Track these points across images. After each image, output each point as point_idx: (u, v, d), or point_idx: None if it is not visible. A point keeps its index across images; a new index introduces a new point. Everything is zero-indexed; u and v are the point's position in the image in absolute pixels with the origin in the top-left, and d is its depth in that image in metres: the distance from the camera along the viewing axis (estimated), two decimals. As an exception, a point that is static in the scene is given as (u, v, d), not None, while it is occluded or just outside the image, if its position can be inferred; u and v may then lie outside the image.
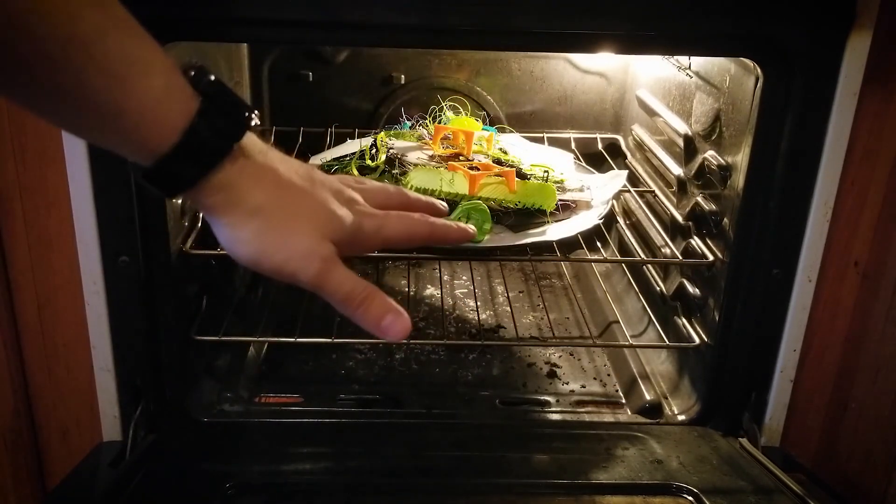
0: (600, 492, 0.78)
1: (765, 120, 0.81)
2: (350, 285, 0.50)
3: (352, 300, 0.50)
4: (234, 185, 0.46)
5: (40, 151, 0.79)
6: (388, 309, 0.50)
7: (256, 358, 1.10)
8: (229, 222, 0.47)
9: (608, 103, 1.41)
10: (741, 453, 0.87)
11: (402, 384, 1.05)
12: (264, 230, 0.47)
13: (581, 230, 1.01)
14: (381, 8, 0.74)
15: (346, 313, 0.50)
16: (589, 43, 0.79)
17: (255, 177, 0.47)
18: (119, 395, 0.86)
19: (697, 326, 0.99)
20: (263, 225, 0.47)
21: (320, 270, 0.48)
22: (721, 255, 0.93)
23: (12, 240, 0.83)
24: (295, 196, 0.48)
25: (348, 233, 0.50)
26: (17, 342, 0.87)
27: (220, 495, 0.75)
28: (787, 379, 0.90)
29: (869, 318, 0.88)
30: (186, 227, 0.93)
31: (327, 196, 0.50)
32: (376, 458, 0.84)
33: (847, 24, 0.76)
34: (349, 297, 0.49)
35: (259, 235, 0.47)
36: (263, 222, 0.47)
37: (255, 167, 0.47)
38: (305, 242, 0.48)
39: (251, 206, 0.46)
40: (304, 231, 0.48)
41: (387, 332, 0.50)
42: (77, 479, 0.81)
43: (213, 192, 0.46)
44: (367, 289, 0.50)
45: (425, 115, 1.27)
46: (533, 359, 1.14)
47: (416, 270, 1.38)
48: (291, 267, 0.48)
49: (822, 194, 0.82)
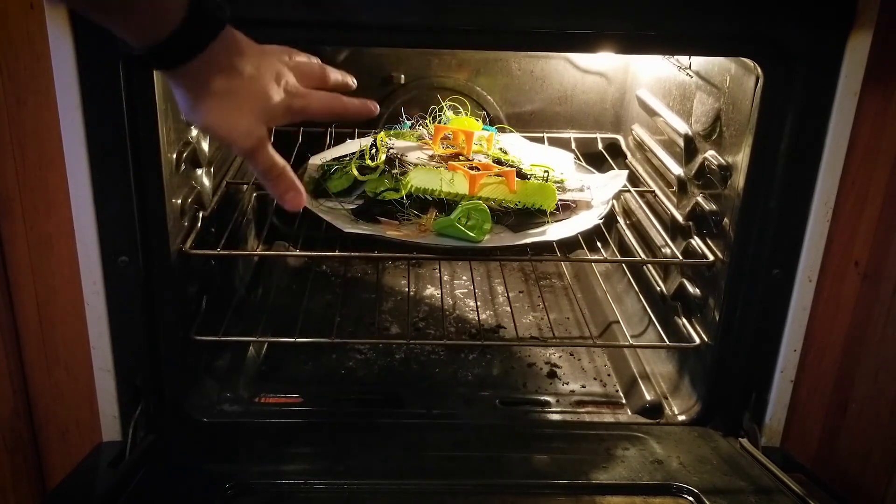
0: (600, 492, 0.78)
1: (765, 120, 0.81)
2: (271, 161, 0.64)
3: (269, 173, 0.64)
4: (200, 72, 0.58)
5: (40, 152, 0.79)
6: (290, 186, 0.65)
7: (256, 358, 1.09)
8: (193, 96, 0.60)
9: (608, 103, 1.41)
10: (741, 453, 0.87)
11: (402, 384, 1.05)
12: (218, 109, 0.60)
13: (581, 230, 1.01)
14: (381, 8, 0.74)
15: (263, 181, 0.66)
16: (589, 43, 0.79)
17: (220, 65, 0.59)
18: (119, 395, 0.86)
19: (698, 326, 0.99)
20: (218, 105, 0.60)
21: (253, 146, 0.62)
22: (721, 255, 0.93)
23: (12, 240, 0.83)
24: (245, 85, 0.61)
25: (279, 114, 0.64)
26: (17, 342, 0.87)
27: (219, 495, 0.75)
28: (787, 379, 0.90)
29: (869, 318, 0.88)
30: (186, 227, 0.93)
31: (269, 83, 0.63)
32: (376, 458, 0.84)
33: (847, 24, 0.76)
34: (268, 171, 0.64)
35: (213, 111, 0.60)
36: (218, 103, 0.60)
37: (226, 56, 0.59)
38: (246, 123, 0.61)
39: (212, 90, 0.59)
40: (247, 115, 0.61)
41: (284, 203, 0.66)
42: (77, 479, 0.81)
43: (182, 76, 0.58)
44: (282, 167, 0.65)
45: (425, 115, 1.27)
46: (533, 359, 1.14)
47: (416, 270, 1.38)
48: (232, 138, 0.62)
49: (823, 194, 0.82)
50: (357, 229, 0.97)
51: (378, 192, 1.02)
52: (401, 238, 0.97)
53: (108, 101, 0.75)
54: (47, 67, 0.74)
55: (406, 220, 1.00)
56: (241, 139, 0.62)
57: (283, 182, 0.65)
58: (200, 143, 1.00)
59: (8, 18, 0.74)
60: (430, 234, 0.98)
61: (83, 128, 0.76)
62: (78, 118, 0.75)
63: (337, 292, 1.28)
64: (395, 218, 1.01)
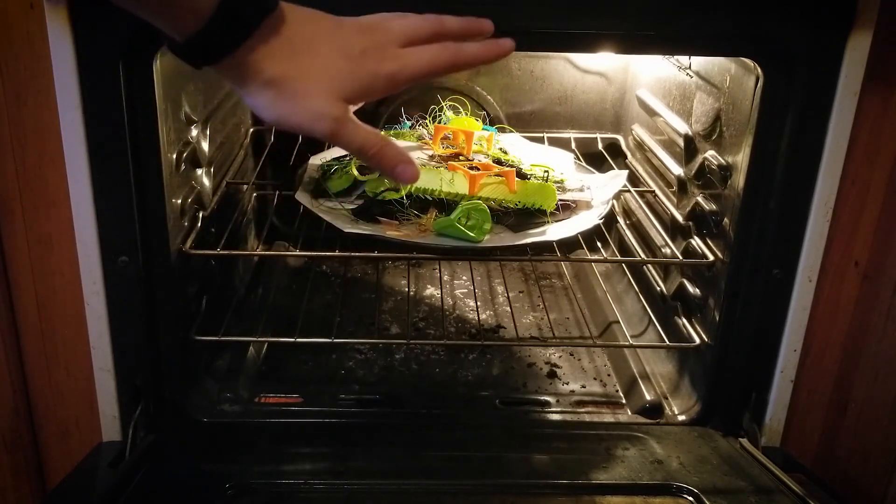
0: (600, 492, 0.78)
1: (765, 120, 0.81)
2: (362, 137, 0.57)
3: (367, 149, 0.57)
4: (246, 62, 0.52)
5: (40, 151, 0.79)
6: (400, 158, 0.58)
7: (256, 358, 1.09)
8: (247, 92, 0.54)
9: (608, 103, 1.41)
10: (741, 453, 0.87)
11: (402, 384, 1.05)
12: (278, 99, 0.54)
13: (581, 230, 1.01)
14: (381, 8, 0.74)
15: (363, 160, 0.59)
16: (589, 43, 0.79)
17: (271, 51, 0.52)
18: (119, 395, 0.86)
19: (697, 326, 0.99)
20: (276, 94, 0.53)
21: (333, 128, 0.55)
22: (721, 255, 0.93)
23: (12, 240, 0.83)
24: (310, 62, 0.54)
25: (362, 87, 0.56)
26: (17, 342, 0.87)
27: (219, 495, 0.75)
28: (787, 379, 0.90)
29: (869, 318, 0.88)
30: (186, 227, 0.93)
31: (339, 57, 0.55)
32: (376, 458, 0.84)
33: (847, 24, 0.76)
34: (364, 147, 0.57)
35: (274, 103, 0.54)
36: (276, 92, 0.53)
37: (276, 40, 0.53)
38: (316, 106, 0.54)
39: (264, 79, 0.53)
40: (315, 95, 0.54)
41: (399, 177, 0.58)
42: (77, 479, 0.81)
43: (229, 69, 0.53)
44: (380, 140, 0.57)
45: (425, 115, 1.26)
46: (533, 359, 1.14)
47: (416, 270, 1.38)
48: (306, 127, 0.55)
49: (823, 194, 0.82)
50: (357, 229, 0.97)
51: (378, 192, 1.02)
52: (401, 238, 0.97)
53: (107, 101, 0.75)
54: (47, 67, 0.74)
55: (406, 220, 1.00)
56: (316, 125, 0.55)
57: (386, 157, 0.57)
58: (200, 142, 1.00)
59: (8, 18, 0.74)
60: (430, 234, 0.98)
61: (83, 127, 0.76)
62: (78, 118, 0.75)
63: (337, 292, 1.28)
64: (395, 218, 1.01)
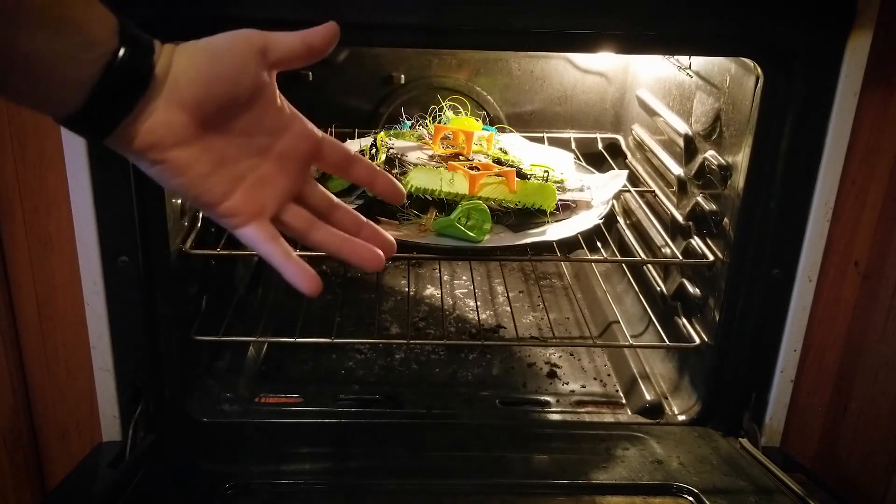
0: (600, 492, 0.78)
1: (765, 120, 0.81)
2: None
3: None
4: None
5: (40, 152, 0.79)
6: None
7: (256, 358, 1.09)
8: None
9: (608, 103, 1.41)
10: (741, 453, 0.87)
11: (402, 384, 1.05)
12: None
13: (581, 230, 1.01)
14: (381, 8, 0.74)
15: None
16: (589, 43, 0.79)
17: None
18: (119, 395, 0.86)
19: (698, 326, 0.99)
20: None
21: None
22: (721, 255, 0.93)
23: (12, 240, 0.83)
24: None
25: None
26: (17, 342, 0.87)
27: (219, 495, 0.75)
28: (787, 379, 0.90)
29: (869, 318, 0.88)
30: (186, 227, 0.93)
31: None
32: (376, 458, 0.84)
33: (847, 24, 0.76)
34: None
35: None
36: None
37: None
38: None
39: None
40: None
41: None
42: (77, 480, 0.81)
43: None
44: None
45: (425, 115, 1.27)
46: (533, 359, 1.14)
47: (416, 270, 1.38)
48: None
49: (823, 194, 0.82)
50: (357, 229, 0.97)
51: (378, 193, 1.02)
52: (401, 238, 0.97)
53: (108, 101, 0.75)
54: (47, 67, 0.74)
55: (406, 220, 1.00)
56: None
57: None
58: (200, 143, 0.99)
59: (8, 18, 0.74)
60: (430, 234, 0.98)
61: (83, 128, 0.75)
62: (78, 118, 0.75)
63: (337, 292, 1.28)
64: (395, 218, 1.01)
